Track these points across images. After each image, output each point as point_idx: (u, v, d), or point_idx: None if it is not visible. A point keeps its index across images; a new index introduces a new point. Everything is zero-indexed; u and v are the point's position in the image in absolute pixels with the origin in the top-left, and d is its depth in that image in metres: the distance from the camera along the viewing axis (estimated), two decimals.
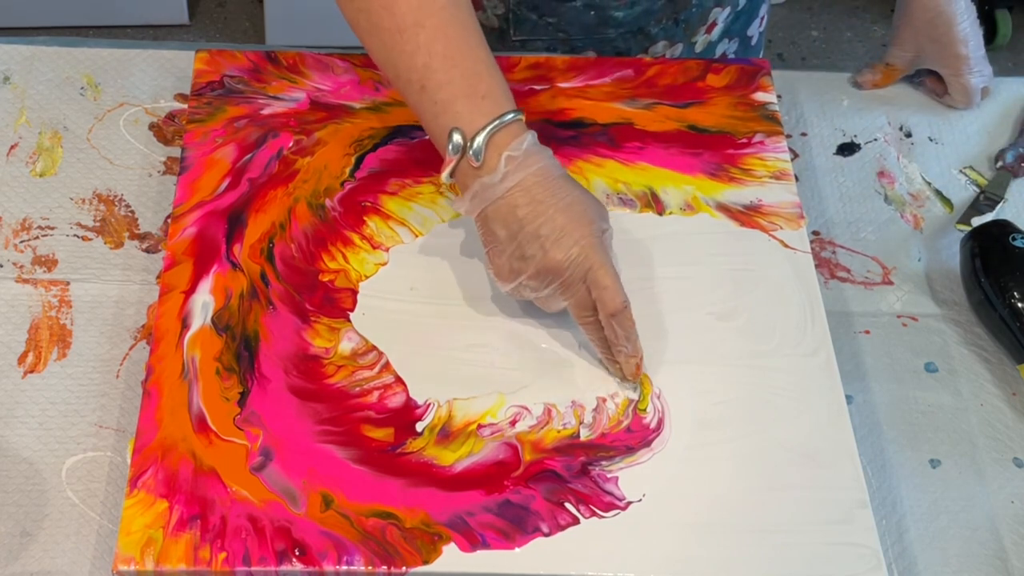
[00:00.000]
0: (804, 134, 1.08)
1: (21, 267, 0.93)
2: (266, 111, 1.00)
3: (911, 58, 1.10)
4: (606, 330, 0.84)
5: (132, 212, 0.97)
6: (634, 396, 0.85)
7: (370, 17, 0.85)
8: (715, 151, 1.00)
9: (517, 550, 0.78)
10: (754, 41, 1.21)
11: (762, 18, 1.21)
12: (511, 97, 0.85)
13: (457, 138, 0.82)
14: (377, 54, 0.87)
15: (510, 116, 0.83)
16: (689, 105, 1.03)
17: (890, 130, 1.09)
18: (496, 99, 0.84)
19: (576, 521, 0.79)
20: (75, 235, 0.95)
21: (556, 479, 0.81)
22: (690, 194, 0.97)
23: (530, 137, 0.84)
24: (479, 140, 0.82)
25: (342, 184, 0.96)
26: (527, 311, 0.89)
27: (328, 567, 0.76)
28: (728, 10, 1.14)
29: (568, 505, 0.80)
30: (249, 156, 0.96)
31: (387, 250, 0.92)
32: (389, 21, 0.84)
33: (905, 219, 1.03)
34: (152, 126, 1.03)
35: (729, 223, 0.96)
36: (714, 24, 1.14)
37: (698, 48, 1.15)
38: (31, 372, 0.88)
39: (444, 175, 0.84)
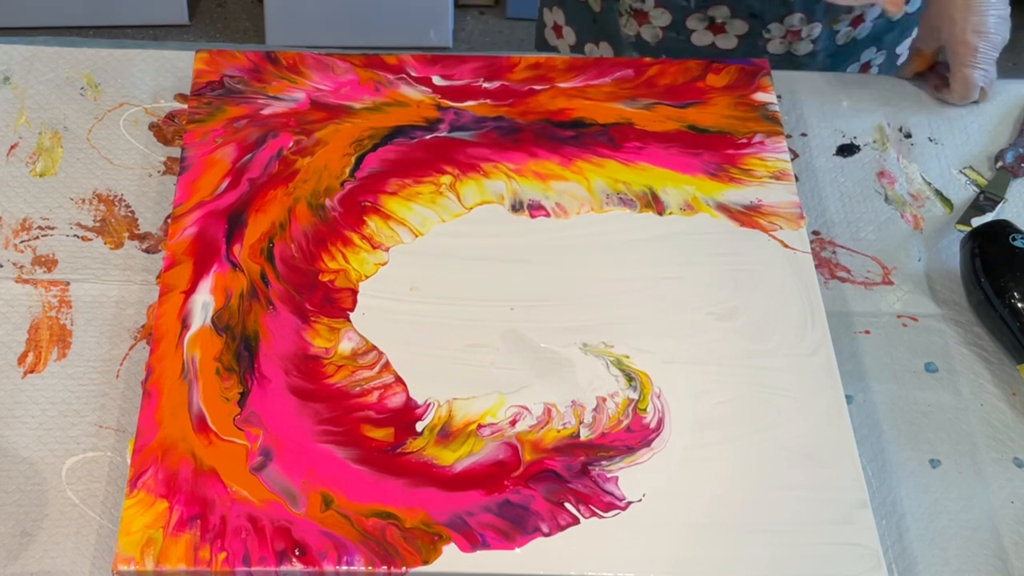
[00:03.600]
0: (804, 134, 1.08)
1: (21, 267, 0.93)
2: (266, 111, 1.00)
3: (936, 44, 1.10)
4: None
5: (132, 212, 0.97)
6: (634, 396, 0.85)
7: None
8: (715, 151, 1.00)
9: (517, 550, 0.78)
10: (900, 60, 1.19)
11: (912, 37, 1.18)
12: None
13: None
14: None
15: None
16: (689, 105, 1.03)
17: (890, 131, 1.09)
18: None
19: (576, 521, 0.79)
20: (75, 235, 0.95)
21: (556, 479, 0.81)
22: (690, 194, 0.97)
23: None
24: None
25: (342, 184, 0.96)
26: (527, 311, 0.89)
27: (328, 567, 0.76)
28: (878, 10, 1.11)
29: (568, 505, 0.80)
30: (249, 156, 0.96)
31: (387, 250, 0.92)
32: None
33: (905, 219, 1.03)
34: (152, 126, 1.03)
35: (729, 223, 0.96)
36: (861, 19, 1.11)
37: (840, 40, 1.10)
38: (31, 372, 0.88)
39: None
